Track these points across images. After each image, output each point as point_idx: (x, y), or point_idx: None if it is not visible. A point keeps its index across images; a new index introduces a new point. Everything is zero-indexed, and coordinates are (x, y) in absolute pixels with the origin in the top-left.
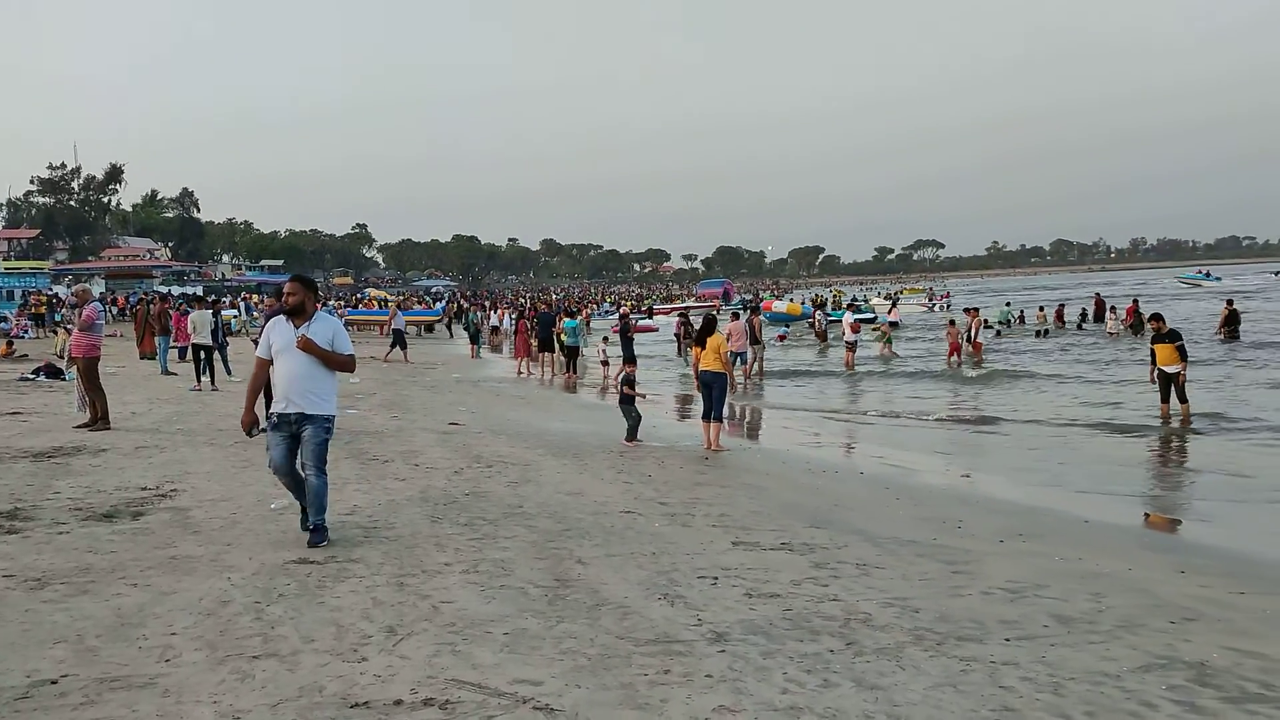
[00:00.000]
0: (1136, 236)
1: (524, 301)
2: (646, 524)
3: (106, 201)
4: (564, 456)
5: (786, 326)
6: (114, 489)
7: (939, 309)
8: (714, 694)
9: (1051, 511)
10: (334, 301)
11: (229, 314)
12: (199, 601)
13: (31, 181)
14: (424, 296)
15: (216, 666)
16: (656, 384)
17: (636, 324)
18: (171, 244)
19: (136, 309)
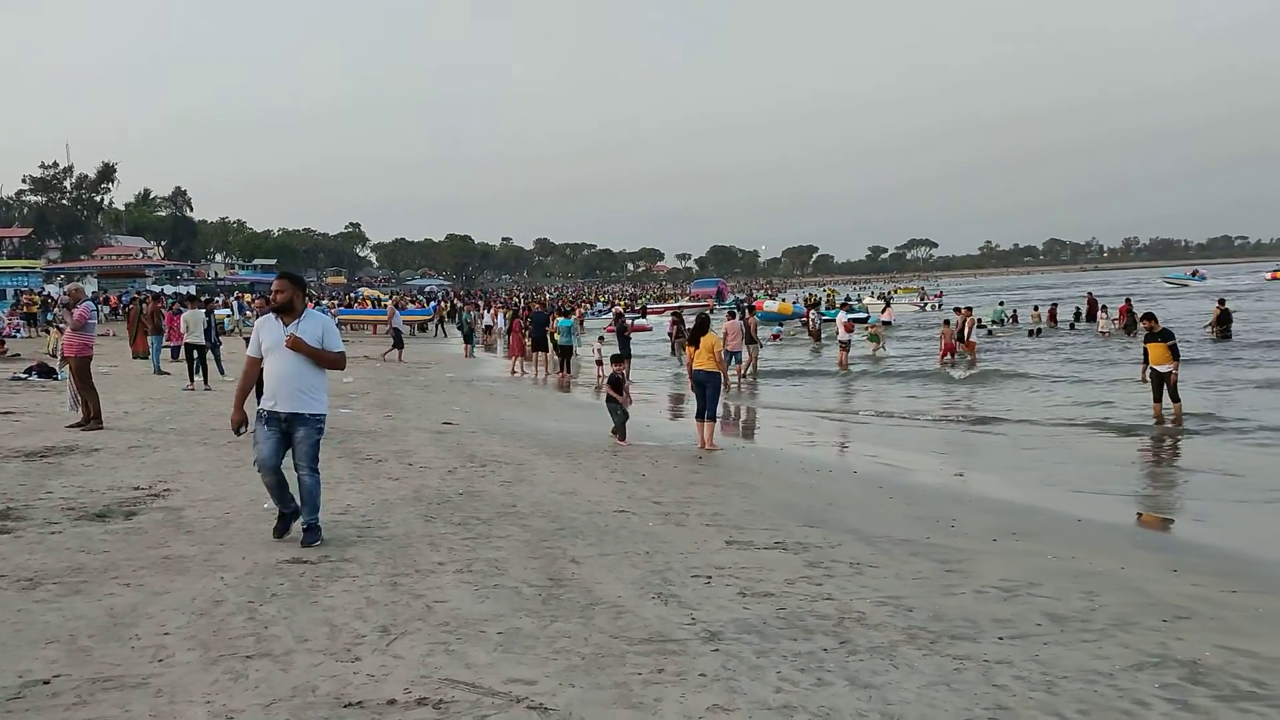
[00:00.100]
0: (1129, 236)
1: (518, 301)
2: (640, 523)
3: (99, 200)
4: (558, 456)
5: (780, 325)
6: (107, 489)
7: (930, 308)
8: (708, 693)
9: (1044, 510)
10: (327, 301)
11: (222, 313)
12: (192, 601)
13: (23, 180)
14: (417, 296)
15: (210, 666)
16: (650, 383)
17: (634, 323)
18: (164, 243)
19: (129, 308)
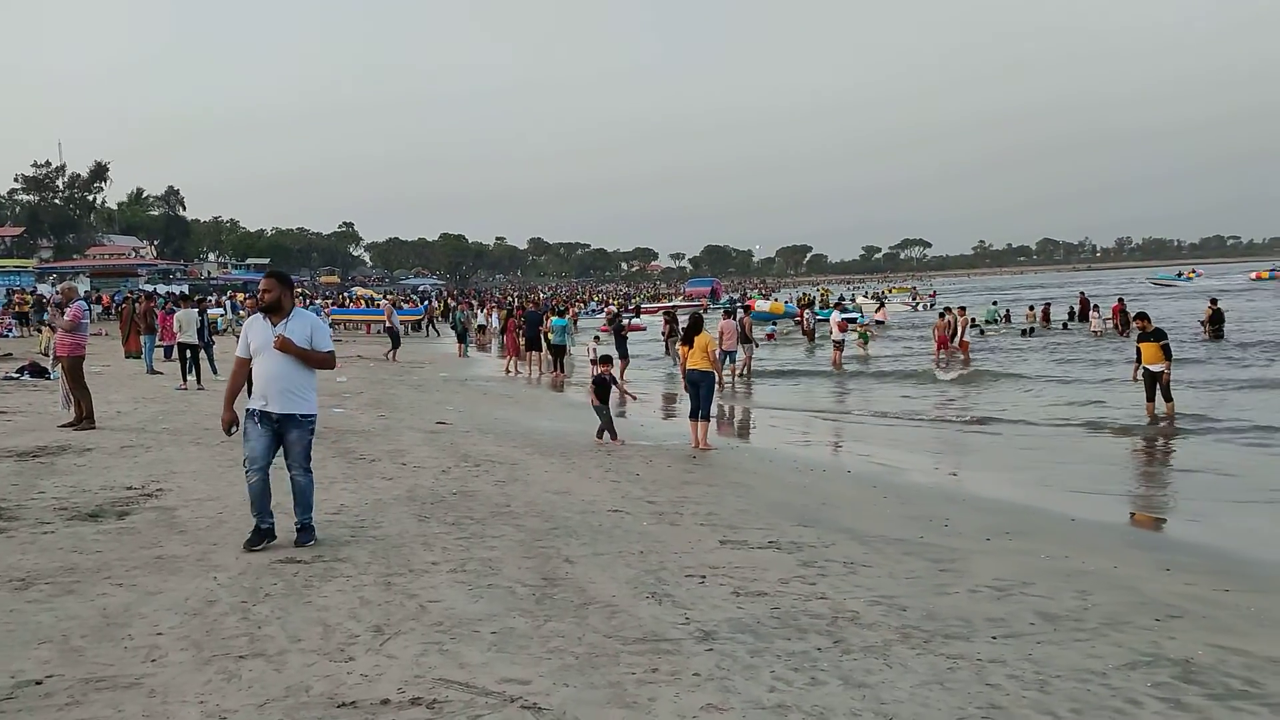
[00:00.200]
0: (1122, 236)
1: (512, 300)
2: (634, 523)
3: (91, 199)
4: (551, 455)
5: (773, 324)
6: (99, 488)
7: (922, 308)
8: (701, 692)
9: (1038, 510)
10: (320, 300)
11: (215, 312)
12: (185, 601)
13: (15, 179)
14: (410, 295)
15: (203, 666)
16: (644, 383)
17: (630, 323)
18: (157, 242)
19: (122, 308)
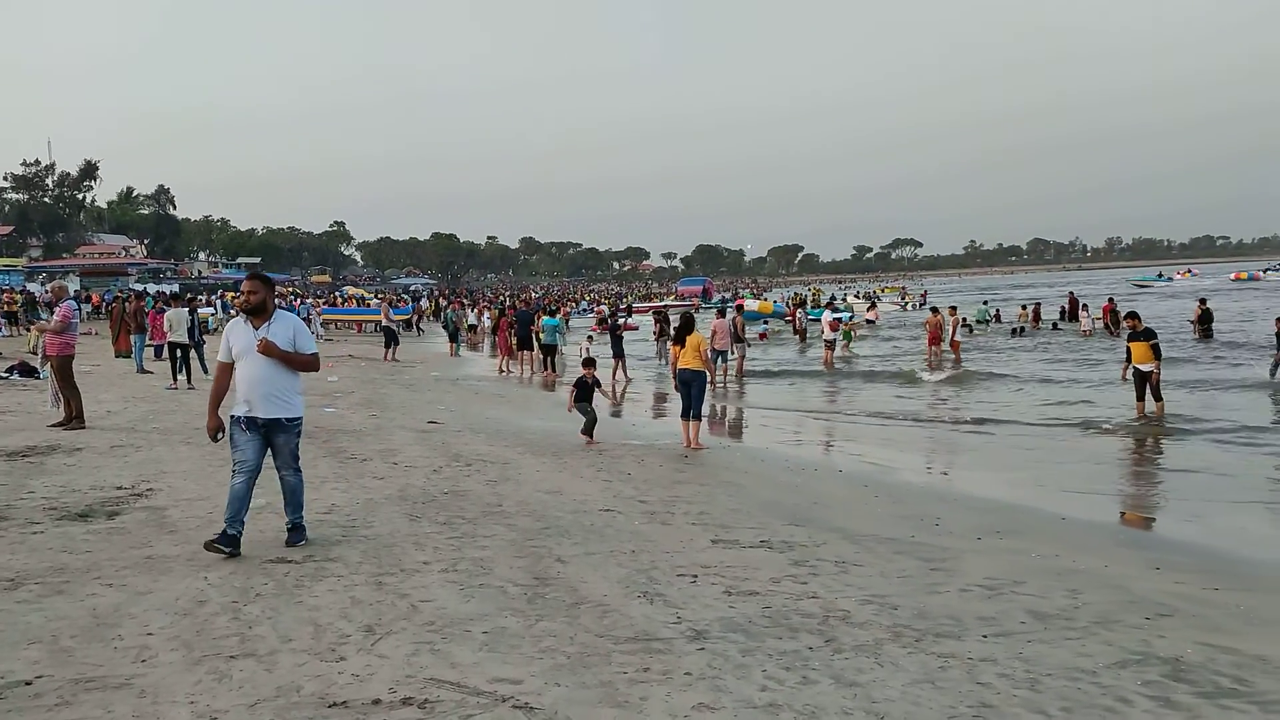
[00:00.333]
0: (1112, 236)
1: (503, 299)
2: (626, 522)
3: (81, 198)
4: (543, 455)
5: (765, 324)
6: (89, 488)
7: (911, 308)
8: (693, 691)
9: (1028, 509)
10: (312, 300)
11: (205, 312)
12: (175, 601)
13: (5, 178)
14: (401, 294)
15: (193, 666)
16: (635, 383)
17: (626, 323)
18: (147, 241)
19: (112, 307)
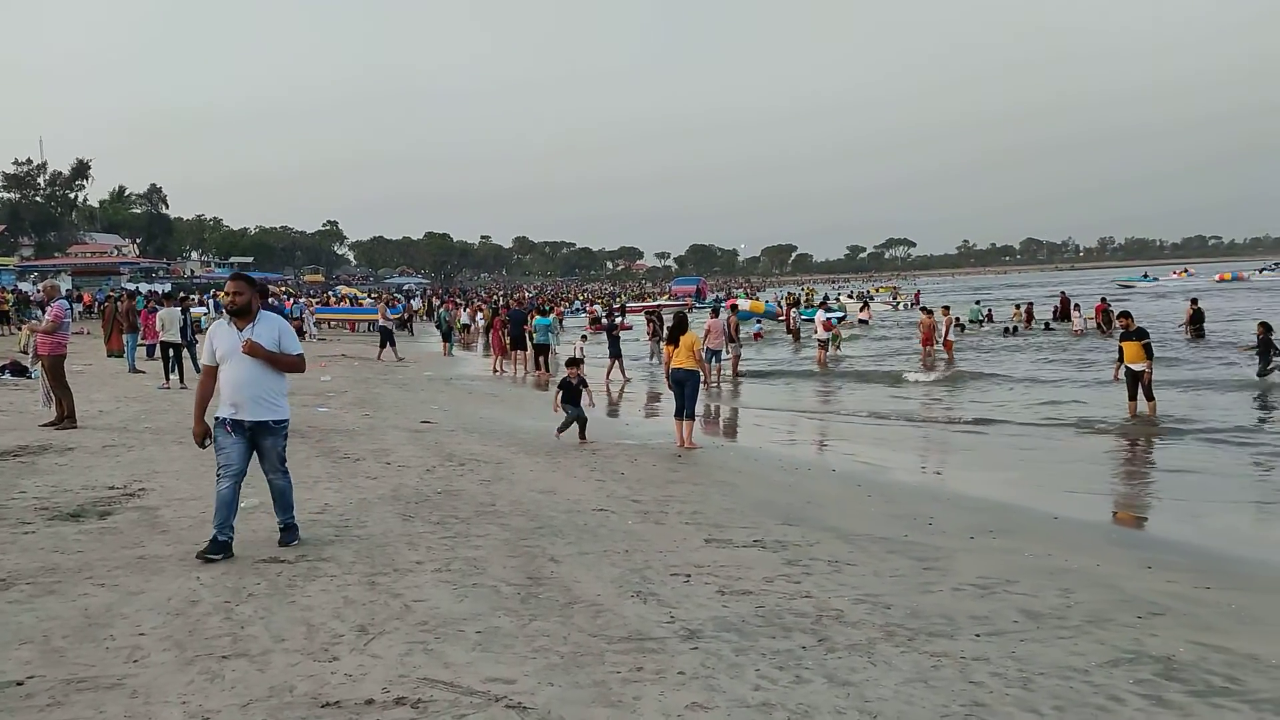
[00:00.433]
0: (1105, 236)
1: (497, 299)
2: (619, 522)
3: (73, 197)
4: (537, 454)
5: (758, 324)
6: (81, 488)
7: (903, 307)
8: (686, 691)
9: (1021, 508)
10: (305, 299)
11: (198, 311)
12: (167, 601)
13: None
14: (395, 294)
15: (185, 667)
16: (632, 382)
17: (622, 322)
18: (139, 240)
19: (104, 306)
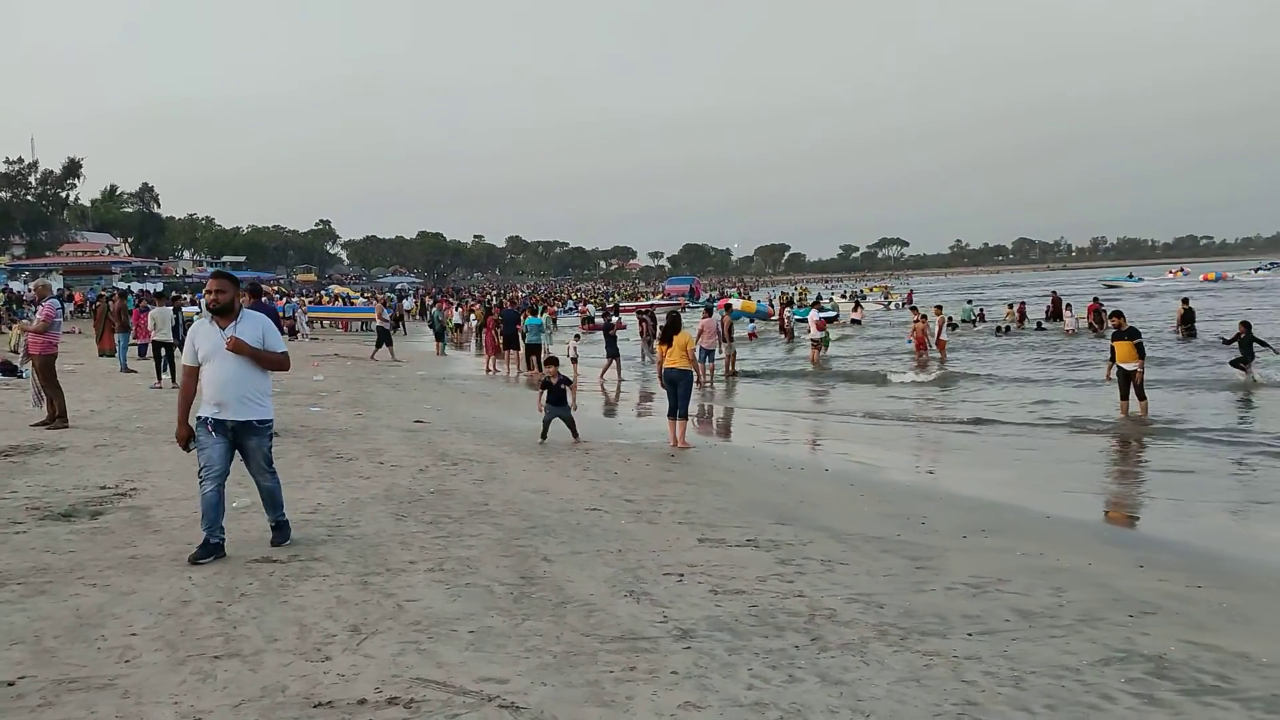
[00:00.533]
0: (1097, 236)
1: (490, 298)
2: (612, 521)
3: (64, 196)
4: (530, 454)
5: (751, 323)
6: (72, 488)
7: (894, 307)
8: (679, 690)
9: (1013, 507)
10: (298, 298)
11: (190, 310)
12: (159, 601)
13: None
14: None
15: (177, 667)
16: (625, 382)
17: (619, 322)
18: (131, 239)
19: (96, 306)
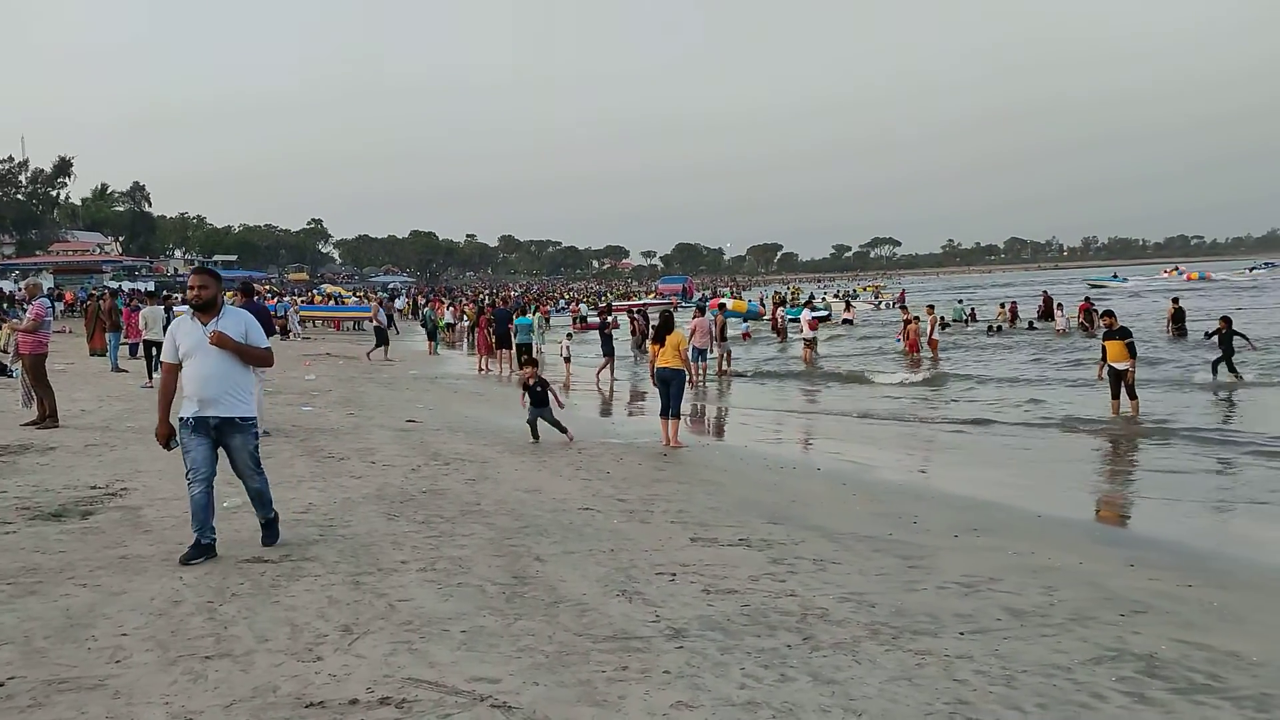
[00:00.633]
0: (1088, 235)
1: (483, 298)
2: (605, 521)
3: (55, 195)
4: (522, 453)
5: (744, 323)
6: (62, 488)
7: (884, 306)
8: (672, 690)
9: (1005, 506)
10: (290, 298)
11: (181, 310)
12: (150, 601)
13: None
14: (380, 292)
15: (168, 667)
16: (616, 381)
17: (615, 321)
18: (122, 238)
19: (87, 305)
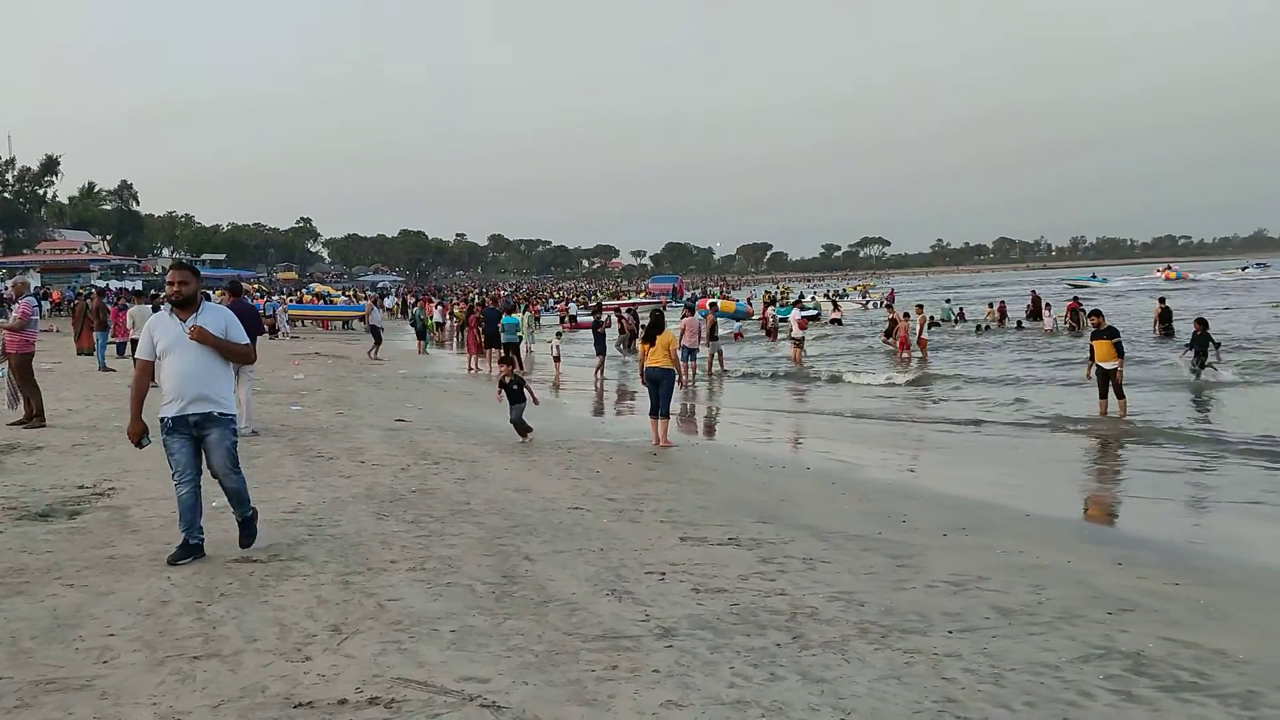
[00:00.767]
0: (1077, 235)
1: (473, 297)
2: (594, 520)
3: (42, 194)
4: (512, 453)
5: (737, 323)
6: (50, 487)
7: (872, 306)
8: (661, 689)
9: (994, 506)
10: (278, 297)
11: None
12: (138, 602)
13: None
14: (368, 291)
15: (156, 667)
16: (606, 380)
17: (606, 320)
18: (110, 237)
19: (74, 304)
